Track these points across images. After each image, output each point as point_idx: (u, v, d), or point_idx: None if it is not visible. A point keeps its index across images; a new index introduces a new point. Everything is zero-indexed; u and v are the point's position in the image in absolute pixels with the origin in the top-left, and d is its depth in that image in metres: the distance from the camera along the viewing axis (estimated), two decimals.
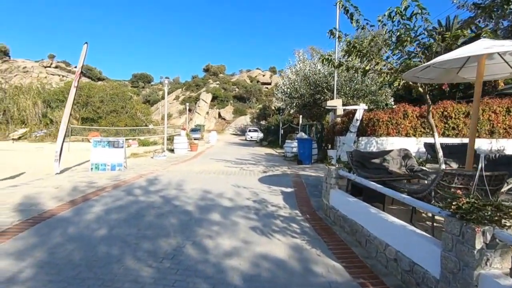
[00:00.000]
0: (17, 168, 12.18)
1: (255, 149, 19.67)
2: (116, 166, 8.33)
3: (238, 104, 54.47)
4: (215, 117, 52.34)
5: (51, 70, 63.08)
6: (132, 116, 39.34)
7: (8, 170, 12.11)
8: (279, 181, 7.44)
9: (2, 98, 37.60)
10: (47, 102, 37.31)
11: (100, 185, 6.44)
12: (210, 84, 62.52)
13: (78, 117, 36.97)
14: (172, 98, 61.41)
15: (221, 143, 25.21)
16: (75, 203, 4.96)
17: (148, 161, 11.08)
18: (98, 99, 37.37)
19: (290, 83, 16.75)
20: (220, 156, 13.54)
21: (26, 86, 40.57)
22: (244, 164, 10.59)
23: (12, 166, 13.62)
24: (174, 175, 7.99)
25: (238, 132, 45.50)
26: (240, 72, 77.70)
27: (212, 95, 55.45)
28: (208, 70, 72.07)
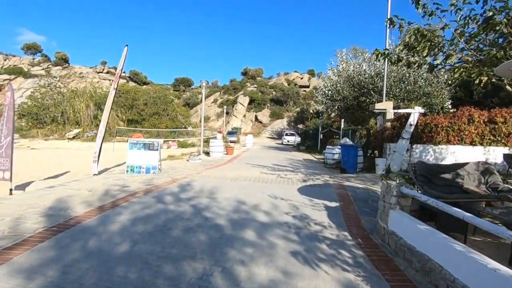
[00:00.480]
0: (64, 166, 12.83)
1: (292, 154, 18.85)
2: (150, 169, 8.16)
3: (275, 107, 53.88)
4: (251, 120, 52.30)
5: (102, 75, 68.34)
6: (173, 118, 40.75)
7: (56, 168, 12.90)
8: (321, 192, 6.63)
9: (60, 101, 41.24)
10: (98, 104, 40.03)
11: (132, 189, 6.21)
12: (248, 87, 62.84)
13: (124, 118, 39.22)
14: (210, 101, 62.84)
15: (257, 147, 24.77)
16: (103, 210, 4.69)
17: (183, 164, 10.90)
18: (142, 102, 39.27)
19: (331, 84, 15.71)
20: (256, 161, 13.00)
21: (80, 90, 44.13)
22: (281, 171, 9.89)
23: (61, 164, 14.47)
24: (208, 181, 7.57)
25: (275, 135, 44.84)
26: (278, 75, 77.21)
27: (249, 98, 55.58)
28: (246, 74, 72.66)
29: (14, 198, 5.21)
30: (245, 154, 16.78)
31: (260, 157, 15.06)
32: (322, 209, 5.29)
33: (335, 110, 16.07)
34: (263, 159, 14.06)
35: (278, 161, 13.42)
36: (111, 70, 73.26)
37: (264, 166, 10.88)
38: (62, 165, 14.22)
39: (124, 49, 9.32)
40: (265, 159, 13.81)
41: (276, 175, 8.86)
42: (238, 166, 11.01)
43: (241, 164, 11.64)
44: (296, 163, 12.78)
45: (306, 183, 7.73)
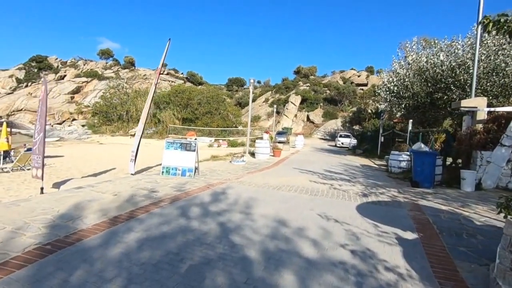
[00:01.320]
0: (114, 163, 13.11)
1: (347, 158, 16.86)
2: (186, 171, 7.44)
3: (328, 107, 51.05)
4: (303, 120, 50.35)
5: (163, 77, 73.04)
6: (224, 117, 41.23)
7: (106, 164, 13.28)
8: (389, 214, 5.04)
9: (126, 100, 44.86)
10: (157, 104, 42.46)
11: (159, 195, 5.45)
12: (300, 86, 60.90)
13: (179, 117, 40.95)
14: (261, 101, 62.52)
15: (308, 149, 23.13)
16: (115, 222, 3.93)
17: (225, 166, 10.09)
18: (196, 101, 40.53)
19: (398, 79, 13.40)
20: (306, 165, 11.60)
21: (142, 90, 47.45)
22: (335, 180, 8.36)
23: (113, 160, 14.98)
24: (246, 189, 6.51)
25: (327, 136, 42.30)
26: (332, 73, 73.54)
27: (301, 98, 53.67)
28: (299, 72, 70.65)
29: (33, 200, 4.82)
30: (294, 156, 15.42)
31: (310, 161, 13.57)
32: (394, 243, 3.78)
33: (401, 109, 13.71)
34: (313, 163, 12.58)
35: (331, 166, 11.80)
36: (170, 72, 78.18)
37: (314, 173, 9.45)
38: (114, 161, 14.70)
39: (167, 43, 8.83)
40: (316, 164, 12.31)
41: (329, 185, 7.40)
42: (284, 171, 9.77)
43: (288, 168, 10.38)
44: (352, 170, 11.03)
45: (368, 199, 6.14)
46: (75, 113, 55.98)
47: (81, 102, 59.04)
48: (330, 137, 41.53)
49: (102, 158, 16.76)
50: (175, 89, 46.06)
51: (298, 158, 14.41)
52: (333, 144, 32.01)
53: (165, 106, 41.33)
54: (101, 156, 18.55)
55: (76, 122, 52.77)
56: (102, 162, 14.11)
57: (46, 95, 5.61)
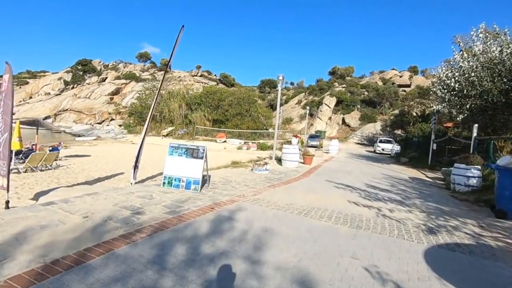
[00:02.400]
0: (129, 165, 12.19)
1: (391, 168, 14.47)
2: (191, 183, 6.02)
3: (366, 110, 47.53)
4: (338, 123, 47.40)
5: (196, 78, 74.16)
6: (255, 119, 39.97)
7: (120, 167, 12.40)
8: (484, 275, 3.10)
9: (159, 101, 45.58)
10: (189, 105, 42.48)
11: (142, 220, 4.05)
12: (335, 88, 57.83)
13: (210, 118, 40.51)
14: (294, 103, 60.45)
15: (343, 155, 20.83)
16: (42, 277, 2.54)
17: (244, 175, 8.54)
18: (227, 103, 39.84)
19: (460, 74, 10.88)
20: (342, 176, 9.67)
21: (175, 91, 48.00)
22: (382, 201, 6.41)
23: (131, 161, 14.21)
24: (262, 212, 4.89)
25: (365, 141, 39.11)
26: (371, 74, 69.18)
27: (336, 99, 50.73)
28: (334, 73, 67.41)
29: None
30: (327, 164, 13.44)
31: (347, 170, 11.54)
32: None
33: (463, 111, 11.13)
34: (351, 173, 10.58)
35: (372, 178, 9.74)
36: (204, 74, 79.13)
37: (353, 189, 7.55)
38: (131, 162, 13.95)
39: (180, 30, 7.55)
40: (354, 175, 10.31)
41: (375, 210, 5.51)
42: (315, 184, 7.97)
43: (320, 181, 8.55)
44: (402, 186, 8.88)
45: (438, 238, 4.18)
46: (114, 113, 58.46)
47: (119, 103, 61.65)
48: (368, 142, 38.30)
49: (123, 158, 16.22)
50: (206, 90, 45.84)
51: (332, 167, 12.43)
52: (372, 150, 29.10)
53: (196, 107, 41.17)
54: (124, 156, 18.08)
55: (113, 122, 54.99)
56: (119, 164, 13.38)
57: (12, 85, 4.54)
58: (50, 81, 69.33)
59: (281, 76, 12.77)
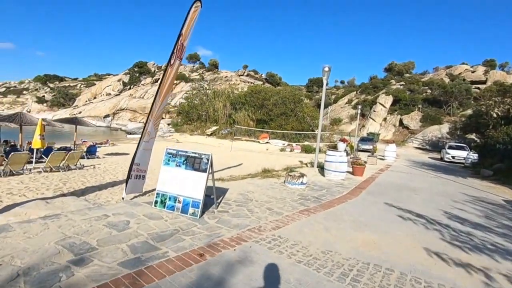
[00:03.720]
0: None
1: (471, 183, 11.15)
2: (190, 205, 4.33)
3: (429, 110, 41.62)
4: (394, 125, 42.35)
5: (243, 78, 73.94)
6: (300, 119, 37.60)
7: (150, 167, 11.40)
8: None
9: (205, 101, 45.91)
10: (233, 104, 41.96)
11: (72, 281, 2.45)
12: (392, 85, 52.16)
13: (254, 118, 39.32)
14: (344, 102, 56.26)
15: (402, 162, 17.51)
16: None
17: (272, 190, 6.62)
18: (271, 102, 38.28)
19: None
20: (406, 197, 7.15)
21: (220, 90, 47.93)
22: (483, 251, 3.95)
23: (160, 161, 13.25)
24: (281, 268, 2.97)
25: (427, 146, 34.00)
26: (435, 69, 61.18)
27: (393, 98, 45.53)
28: (391, 70, 61.19)
29: None
30: (384, 176, 10.72)
31: (412, 187, 8.80)
32: None
33: None
34: (419, 192, 7.91)
35: (452, 202, 7.02)
36: (250, 73, 78.63)
37: (428, 221, 5.11)
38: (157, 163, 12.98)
39: (192, 4, 5.91)
40: (424, 194, 7.66)
41: (480, 277, 3.18)
42: (369, 210, 5.69)
43: (375, 204, 6.21)
44: (503, 217, 6.05)
45: None
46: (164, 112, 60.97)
47: (169, 102, 64.24)
48: (431, 147, 33.15)
49: (156, 158, 15.53)
50: (251, 89, 44.79)
51: (391, 181, 9.73)
52: (438, 157, 24.68)
53: (240, 106, 40.39)
54: (160, 155, 17.40)
55: (163, 121, 57.23)
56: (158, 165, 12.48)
57: None
58: (111, 83, 75.46)
59: (327, 66, 10.53)
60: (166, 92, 6.06)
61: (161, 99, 5.88)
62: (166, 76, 5.60)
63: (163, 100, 6.10)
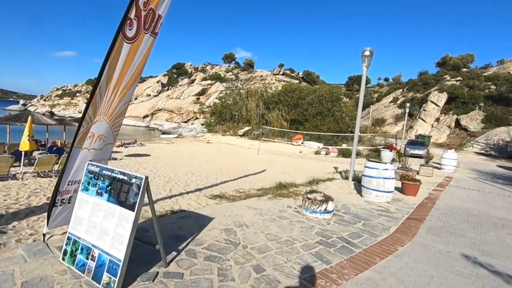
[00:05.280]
0: None
1: None
2: (105, 266, 2.42)
3: (493, 108, 35.64)
4: (449, 126, 36.97)
5: (278, 77, 71.70)
6: (338, 120, 34.39)
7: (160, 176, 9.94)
8: None
9: (238, 101, 44.73)
10: (267, 104, 40.18)
11: None
12: (446, 81, 46.11)
13: (288, 118, 37.04)
14: (388, 101, 51.24)
15: (465, 173, 14.02)
16: None
17: (278, 221, 4.46)
18: (307, 101, 35.78)
19: None
20: (495, 237, 4.53)
21: (253, 90, 46.33)
22: None
23: (188, 167, 11.88)
24: None
25: (492, 151, 28.73)
26: (500, 63, 53.19)
27: (447, 96, 39.98)
28: (445, 64, 54.47)
29: None
30: (446, 198, 7.76)
31: (497, 218, 5.94)
32: None
33: None
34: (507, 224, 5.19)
35: None
36: (286, 72, 76.12)
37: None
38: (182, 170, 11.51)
39: None
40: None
41: None
42: (440, 273, 3.32)
43: (449, 259, 3.71)
44: None
45: None
46: (198, 112, 61.33)
47: (204, 102, 64.50)
48: (498, 153, 27.88)
49: (179, 162, 14.26)
50: (285, 88, 42.49)
51: (460, 206, 6.77)
52: (509, 166, 20.15)
53: (274, 106, 38.40)
54: (184, 159, 16.23)
55: (197, 121, 57.46)
56: (164, 170, 11.07)
57: None
58: (151, 84, 78.22)
59: (368, 50, 8.03)
60: (127, 79, 4.24)
61: (116, 88, 4.08)
62: (113, 52, 3.76)
63: (125, 91, 4.29)
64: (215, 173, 11.12)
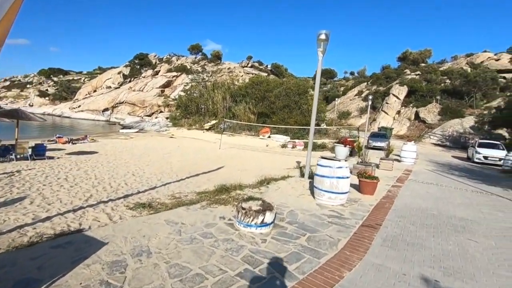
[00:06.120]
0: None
1: None
2: None
3: (449, 101, 37.49)
4: (409, 119, 38.36)
5: (247, 70, 70.37)
6: (304, 113, 34.07)
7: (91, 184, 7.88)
8: None
9: (204, 93, 42.87)
10: (234, 96, 38.93)
11: None
12: (406, 75, 47.85)
13: (255, 111, 36.03)
14: (353, 94, 52.32)
15: (424, 165, 14.02)
16: None
17: (195, 245, 3.40)
18: (274, 94, 35.02)
19: None
20: (458, 245, 3.90)
21: (219, 82, 44.66)
22: None
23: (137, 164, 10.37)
24: None
25: (447, 142, 30.11)
26: (453, 58, 56.41)
27: (407, 89, 41.43)
28: (405, 59, 56.56)
29: None
30: (406, 196, 7.16)
31: (457, 219, 5.36)
32: None
33: None
34: (474, 233, 4.60)
35: None
36: (254, 64, 74.95)
37: None
38: (133, 166, 9.99)
39: None
40: (483, 238, 4.38)
41: None
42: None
43: (402, 282, 3.01)
44: None
45: None
46: (163, 105, 58.36)
47: (169, 95, 61.54)
48: (452, 144, 29.25)
49: (131, 161, 12.66)
50: (252, 80, 41.39)
51: (419, 206, 6.08)
52: (463, 156, 20.96)
53: (241, 99, 37.20)
54: (139, 156, 14.61)
55: (161, 115, 54.61)
56: (107, 174, 9.48)
57: None
58: (111, 75, 73.14)
59: (323, 33, 7.19)
60: None
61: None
62: None
63: None
64: (161, 173, 9.84)
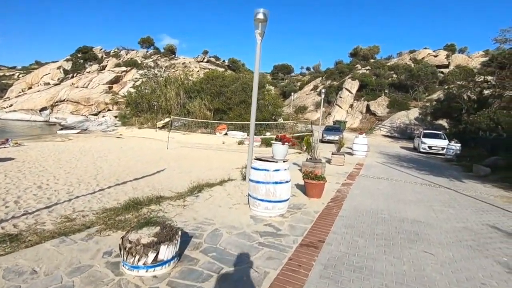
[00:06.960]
0: None
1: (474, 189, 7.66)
2: None
3: (396, 95, 39.58)
4: (361, 112, 39.80)
5: (203, 65, 67.89)
6: (261, 108, 33.26)
7: None
8: None
9: (155, 89, 39.88)
10: (188, 92, 36.72)
11: None
12: (358, 70, 49.73)
13: (211, 108, 34.32)
14: (309, 89, 53.11)
15: (375, 158, 13.98)
16: None
17: None
18: (230, 89, 33.63)
19: None
20: (416, 264, 3.20)
21: (172, 77, 41.94)
22: None
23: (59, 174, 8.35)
24: None
25: (395, 133, 31.60)
26: (399, 54, 60.14)
27: (359, 83, 42.96)
28: (356, 54, 58.94)
29: None
30: (356, 195, 6.58)
31: (409, 222, 4.84)
32: None
33: None
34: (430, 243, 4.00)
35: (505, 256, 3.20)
36: (211, 59, 72.68)
37: None
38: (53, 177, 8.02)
39: None
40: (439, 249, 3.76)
41: None
42: None
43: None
44: None
45: None
46: (111, 103, 53.74)
47: (118, 92, 56.87)
48: (400, 134, 30.79)
49: (43, 170, 10.45)
50: (207, 75, 39.50)
51: (369, 208, 5.44)
52: (410, 147, 21.85)
53: (196, 95, 35.15)
54: (59, 164, 12.33)
55: (109, 113, 50.15)
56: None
57: None
58: (50, 70, 65.56)
59: (261, 12, 6.18)
60: None
61: None
62: None
63: None
64: (79, 183, 8.13)
